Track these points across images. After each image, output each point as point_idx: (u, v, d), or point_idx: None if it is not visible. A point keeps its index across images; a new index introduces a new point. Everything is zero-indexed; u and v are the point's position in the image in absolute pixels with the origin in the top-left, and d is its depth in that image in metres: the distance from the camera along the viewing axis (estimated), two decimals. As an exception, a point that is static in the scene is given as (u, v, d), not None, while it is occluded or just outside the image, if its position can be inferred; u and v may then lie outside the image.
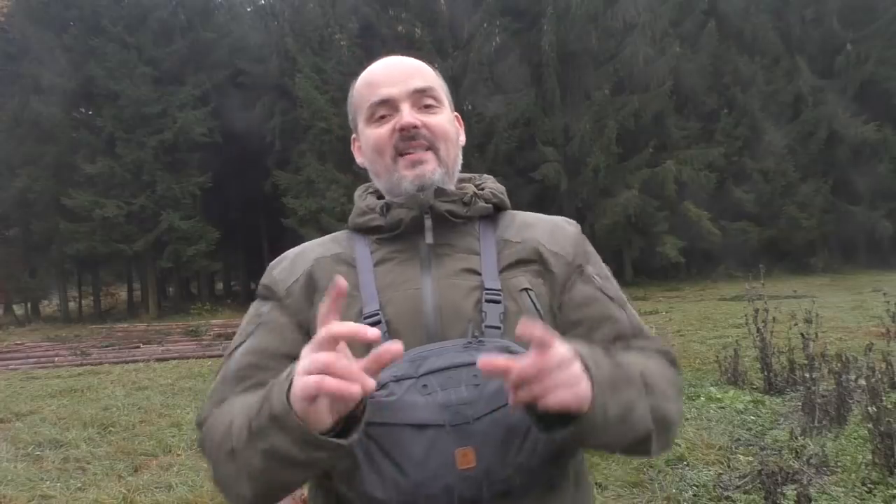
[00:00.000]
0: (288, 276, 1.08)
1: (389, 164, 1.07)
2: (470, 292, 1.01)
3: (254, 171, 23.17)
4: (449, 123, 1.11)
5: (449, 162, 1.09)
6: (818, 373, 4.86)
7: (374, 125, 1.09)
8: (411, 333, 0.97)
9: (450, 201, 1.07)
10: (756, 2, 23.76)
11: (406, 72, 1.09)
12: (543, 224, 1.13)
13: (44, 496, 4.41)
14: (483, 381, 0.89)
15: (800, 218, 22.73)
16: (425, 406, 0.89)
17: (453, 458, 0.87)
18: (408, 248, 1.06)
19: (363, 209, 1.12)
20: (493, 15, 21.71)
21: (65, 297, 24.27)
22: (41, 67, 20.37)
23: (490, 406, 0.89)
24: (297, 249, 1.15)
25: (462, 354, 0.92)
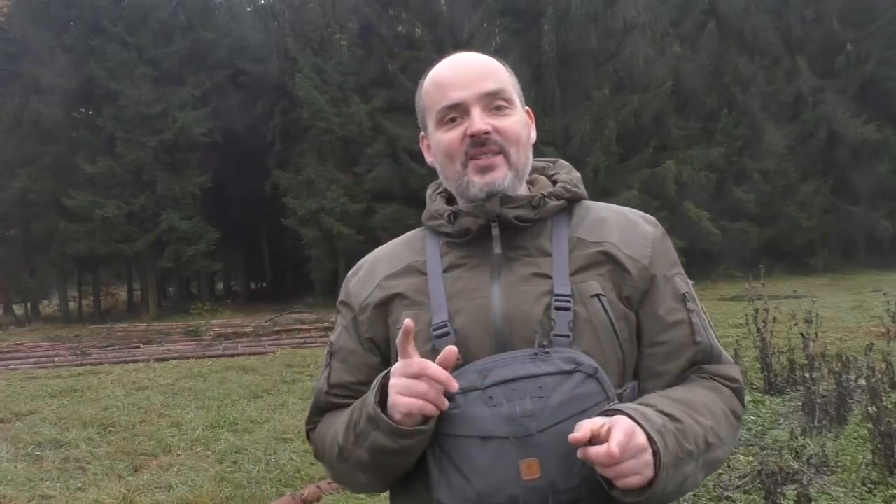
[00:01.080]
0: (361, 291, 1.13)
1: (459, 170, 1.06)
2: (539, 298, 1.01)
3: (254, 171, 23.16)
4: (520, 125, 1.09)
5: (519, 165, 1.08)
6: (818, 373, 4.86)
7: (444, 129, 1.07)
8: (480, 343, 0.99)
9: (517, 206, 1.05)
10: (756, 2, 23.75)
11: (477, 73, 1.07)
12: (619, 221, 1.10)
13: (44, 496, 4.41)
14: (547, 393, 0.92)
15: (800, 218, 22.72)
16: (490, 418, 0.91)
17: (518, 469, 0.90)
18: (478, 254, 1.06)
19: (433, 213, 1.13)
20: (493, 15, 21.70)
21: (65, 297, 24.26)
22: (41, 67, 20.36)
23: (554, 419, 0.90)
24: (372, 258, 1.18)
25: (528, 365, 0.94)
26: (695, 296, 1.10)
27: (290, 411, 6.51)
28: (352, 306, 1.13)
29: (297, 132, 22.04)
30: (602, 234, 1.07)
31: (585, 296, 1.01)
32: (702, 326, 1.07)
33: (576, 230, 1.08)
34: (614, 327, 1.00)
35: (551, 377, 0.92)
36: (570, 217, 1.10)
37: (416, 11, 22.22)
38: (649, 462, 0.88)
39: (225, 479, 4.56)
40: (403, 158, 20.00)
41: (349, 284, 1.16)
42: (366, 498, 4.03)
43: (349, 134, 20.91)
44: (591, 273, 1.03)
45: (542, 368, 0.93)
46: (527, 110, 1.15)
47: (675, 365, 1.05)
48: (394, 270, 1.11)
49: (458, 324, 1.01)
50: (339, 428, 1.05)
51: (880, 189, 22.57)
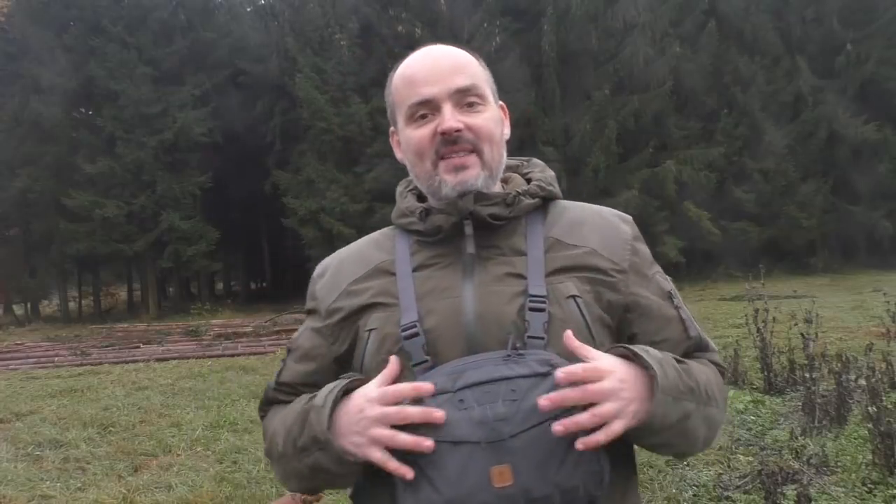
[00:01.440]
0: (327, 295, 1.09)
1: (430, 169, 1.03)
2: (513, 299, 0.98)
3: (254, 171, 23.16)
4: (493, 122, 1.05)
5: (493, 163, 1.04)
6: (818, 373, 4.86)
7: (414, 125, 1.04)
8: (451, 344, 0.96)
9: (491, 204, 1.02)
10: (756, 2, 23.75)
11: (448, 68, 1.03)
12: (596, 222, 1.07)
13: (44, 496, 4.41)
14: (521, 396, 0.88)
15: (800, 218, 22.72)
16: (460, 422, 0.87)
17: (489, 476, 0.86)
18: (450, 253, 1.03)
19: (403, 210, 1.09)
20: (493, 15, 21.70)
21: (65, 297, 24.27)
22: (41, 67, 20.37)
23: (528, 423, 0.87)
24: (338, 260, 1.14)
25: (500, 367, 0.90)
26: (677, 291, 1.09)
27: (290, 411, 6.50)
28: (318, 311, 1.09)
29: (297, 132, 22.05)
30: (581, 236, 1.04)
31: (561, 297, 0.98)
32: (690, 321, 1.07)
33: (551, 230, 1.05)
34: (590, 330, 0.98)
35: (525, 379, 0.88)
36: (545, 216, 1.07)
37: (416, 11, 22.22)
38: (636, 397, 0.89)
39: (225, 479, 4.56)
40: (403, 158, 19.99)
41: (315, 287, 1.12)
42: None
43: (349, 134, 20.91)
44: (569, 275, 1.00)
45: (516, 370, 0.89)
46: (500, 106, 1.11)
47: None
48: (361, 274, 1.07)
49: (428, 324, 0.97)
50: (279, 431, 1.02)
51: (880, 189, 22.57)
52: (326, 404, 0.94)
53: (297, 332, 1.13)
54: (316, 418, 0.94)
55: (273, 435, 1.04)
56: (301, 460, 0.97)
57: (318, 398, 0.97)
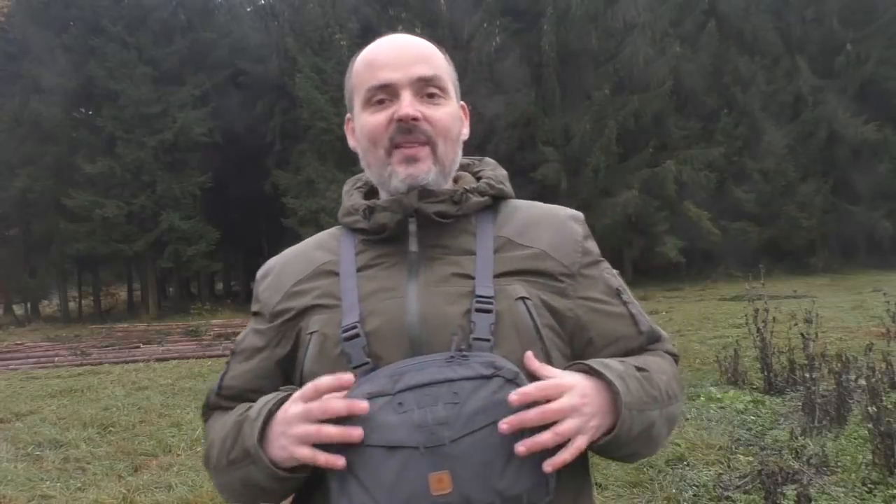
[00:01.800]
0: (271, 297, 1.05)
1: (382, 157, 0.99)
2: (459, 299, 0.94)
3: (254, 171, 23.17)
4: (452, 118, 1.02)
5: (446, 161, 1.01)
6: (818, 373, 4.86)
7: (370, 110, 1.00)
8: (393, 346, 0.92)
9: (438, 201, 0.99)
10: (756, 2, 23.76)
11: (412, 55, 1.00)
12: (546, 222, 1.04)
13: (44, 496, 4.41)
14: (463, 399, 0.83)
15: (800, 218, 22.73)
16: (399, 426, 0.83)
17: (427, 483, 0.81)
18: (395, 253, 1.00)
19: (348, 209, 1.07)
20: (493, 15, 21.71)
21: (65, 297, 24.28)
22: (41, 67, 20.37)
23: (469, 427, 0.83)
24: (282, 261, 1.10)
25: (443, 369, 0.86)
26: (625, 286, 1.07)
27: (290, 411, 6.50)
28: (262, 313, 1.06)
29: (297, 132, 22.06)
30: (532, 237, 1.01)
31: (510, 298, 0.94)
32: (641, 314, 1.06)
33: (502, 229, 1.02)
34: (539, 332, 0.94)
35: (468, 382, 0.84)
36: (496, 215, 1.04)
37: (416, 11, 22.24)
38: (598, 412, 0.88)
39: (225, 479, 4.55)
40: (403, 158, 20.00)
41: (259, 289, 1.08)
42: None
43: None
44: (519, 277, 0.97)
45: (459, 373, 0.85)
46: (462, 105, 1.08)
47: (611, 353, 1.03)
48: (304, 275, 1.03)
49: (370, 326, 0.93)
50: (215, 442, 0.98)
51: (880, 189, 22.57)
52: (260, 416, 0.90)
53: (241, 335, 1.09)
54: (248, 430, 0.90)
55: (210, 444, 1.00)
56: (232, 473, 0.94)
57: (252, 410, 0.93)
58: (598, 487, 3.76)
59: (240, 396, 1.03)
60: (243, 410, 0.96)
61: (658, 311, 13.73)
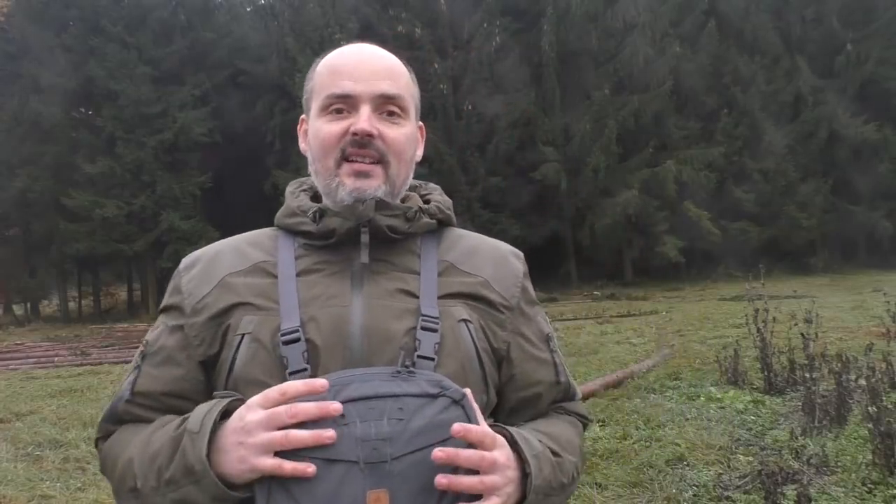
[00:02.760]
0: (196, 289, 0.98)
1: (331, 167, 0.97)
2: (404, 315, 0.92)
3: (254, 171, 23.17)
4: (407, 139, 0.99)
5: (397, 181, 0.99)
6: (818, 373, 4.86)
7: (326, 117, 0.97)
8: (333, 355, 0.89)
9: (392, 216, 0.96)
10: (756, 2, 23.78)
11: (378, 70, 0.97)
12: (489, 254, 1.04)
13: (44, 496, 4.40)
14: (408, 416, 0.81)
15: (800, 218, 22.74)
16: (339, 439, 0.79)
17: (364, 500, 0.78)
18: (339, 261, 0.96)
19: (293, 209, 1.02)
20: (493, 15, 21.72)
21: (65, 297, 24.27)
22: (41, 67, 20.37)
23: (412, 445, 0.80)
24: (212, 252, 1.04)
25: (388, 384, 0.83)
26: (554, 335, 1.08)
27: (290, 411, 6.50)
28: (181, 307, 0.98)
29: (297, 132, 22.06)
30: (475, 265, 1.01)
31: (453, 320, 0.94)
32: (563, 366, 1.06)
33: (446, 254, 1.01)
34: (479, 357, 0.94)
35: (414, 399, 0.82)
36: (440, 240, 1.03)
37: (416, 11, 22.24)
38: (513, 481, 0.85)
39: (225, 479, 4.55)
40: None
41: (181, 280, 1.01)
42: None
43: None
44: (460, 301, 0.96)
45: (405, 388, 0.82)
46: (419, 126, 1.06)
47: (540, 403, 1.04)
48: (237, 269, 0.98)
49: (310, 332, 0.89)
50: (136, 459, 0.88)
51: (880, 189, 22.59)
52: (204, 428, 0.81)
53: (152, 334, 1.01)
54: (191, 445, 0.81)
55: (126, 464, 0.89)
56: (164, 495, 0.83)
57: (191, 421, 0.83)
58: (598, 487, 3.76)
59: (159, 403, 0.95)
60: (178, 424, 0.86)
61: (658, 311, 13.73)
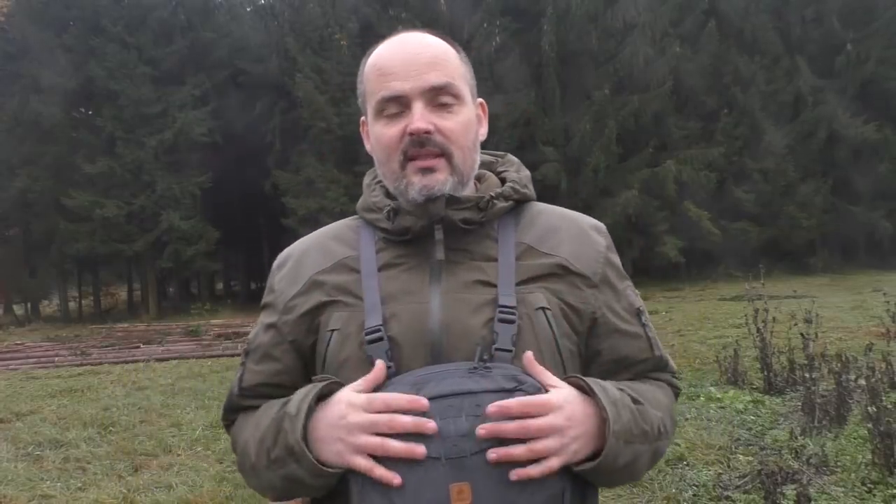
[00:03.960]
0: (288, 288, 1.03)
1: (397, 170, 0.97)
2: (481, 308, 0.94)
3: (254, 171, 23.17)
4: (466, 125, 0.98)
5: (464, 169, 0.98)
6: (818, 373, 4.86)
7: (383, 121, 0.98)
8: (414, 352, 0.92)
9: (463, 208, 0.97)
10: (756, 2, 23.76)
11: (424, 62, 0.95)
12: (570, 231, 1.03)
13: (44, 496, 4.40)
14: (485, 412, 0.84)
15: (800, 218, 22.73)
16: (421, 436, 0.83)
17: (447, 493, 0.81)
18: (417, 254, 0.99)
19: (370, 205, 1.04)
20: (493, 15, 21.71)
21: (65, 297, 24.27)
22: (41, 67, 20.36)
23: (490, 441, 0.83)
24: (299, 250, 1.07)
25: (466, 380, 0.86)
26: (636, 297, 1.07)
27: (290, 411, 6.49)
28: (275, 305, 1.03)
29: (297, 132, 22.05)
30: (553, 244, 1.00)
31: (530, 308, 0.94)
32: (656, 340, 1.06)
33: (524, 235, 1.01)
34: (558, 344, 0.95)
35: (491, 395, 0.84)
36: (518, 220, 1.03)
37: (416, 11, 22.23)
38: (582, 435, 0.87)
39: (225, 479, 4.55)
40: (403, 158, 20.02)
41: (273, 279, 1.06)
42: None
43: (349, 134, 20.90)
44: (539, 285, 0.96)
45: (482, 385, 0.85)
46: (479, 103, 1.05)
47: (629, 373, 1.04)
48: (323, 267, 1.02)
49: (392, 330, 0.93)
50: (251, 442, 0.97)
51: (880, 189, 22.58)
52: (300, 412, 0.89)
53: (252, 333, 1.06)
54: (290, 427, 0.89)
55: (245, 446, 0.99)
56: (275, 472, 0.93)
57: (291, 405, 0.91)
58: (598, 487, 3.76)
59: (262, 395, 1.02)
60: (279, 407, 0.94)
61: (658, 311, 13.72)
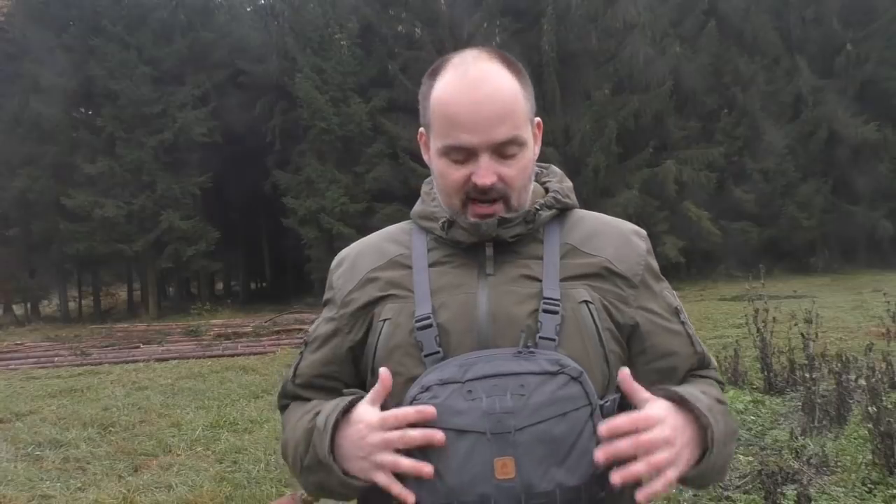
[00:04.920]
0: (345, 284, 1.10)
1: (457, 206, 1.03)
2: (527, 300, 1.00)
3: (254, 171, 23.17)
4: (526, 170, 1.03)
5: (519, 205, 1.04)
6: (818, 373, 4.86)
7: (447, 161, 1.02)
8: (462, 339, 0.98)
9: (513, 226, 1.03)
10: (756, 2, 23.75)
11: (492, 115, 0.98)
12: (612, 234, 1.09)
13: (44, 496, 4.41)
14: (529, 391, 0.89)
15: (800, 218, 22.73)
16: (468, 412, 0.89)
17: (492, 467, 0.87)
18: (467, 261, 1.05)
19: (427, 214, 1.09)
20: (493, 15, 21.71)
21: (65, 297, 24.26)
22: (41, 67, 20.35)
23: (534, 418, 0.88)
24: (355, 251, 1.15)
25: (511, 363, 0.92)
26: (682, 308, 1.12)
27: (290, 411, 6.50)
28: (334, 300, 1.11)
29: (297, 132, 22.05)
30: (596, 246, 1.06)
31: (574, 302, 1.00)
32: (696, 337, 1.11)
33: (568, 237, 1.07)
34: (600, 336, 1.00)
35: (534, 376, 0.90)
36: (563, 223, 1.09)
37: (416, 11, 22.24)
38: (688, 444, 0.92)
39: (225, 479, 4.56)
40: (403, 158, 20.01)
41: (332, 277, 1.14)
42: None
43: (349, 134, 20.92)
44: (582, 282, 1.02)
45: (526, 367, 0.91)
46: (537, 123, 1.08)
47: (676, 372, 1.09)
48: (377, 265, 1.09)
49: (441, 318, 0.99)
50: (289, 443, 1.06)
51: (880, 189, 22.58)
52: (327, 428, 0.96)
53: (314, 325, 1.15)
54: (318, 441, 0.96)
55: (285, 444, 1.08)
56: (307, 477, 1.02)
57: (319, 418, 0.99)
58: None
59: (312, 384, 1.11)
60: (311, 417, 1.01)
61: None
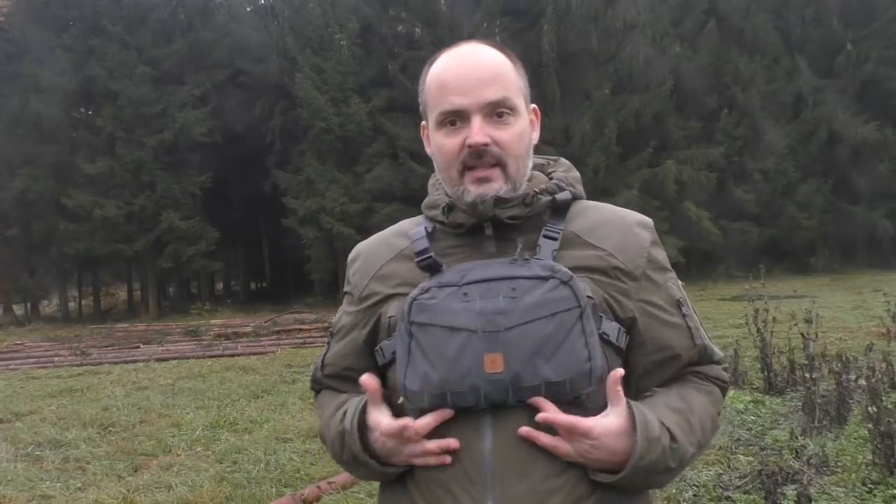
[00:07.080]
0: (361, 280, 1.16)
1: (456, 177, 1.06)
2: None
3: (254, 171, 23.16)
4: (521, 136, 1.06)
5: (517, 176, 1.06)
6: (818, 373, 4.86)
7: (443, 132, 1.06)
8: None
9: (510, 206, 1.05)
10: (756, 2, 23.75)
11: (482, 77, 1.03)
12: (615, 225, 1.10)
13: (44, 496, 4.41)
14: (520, 294, 0.96)
15: (800, 218, 22.73)
16: (462, 311, 0.96)
17: (482, 361, 0.94)
18: (471, 244, 1.08)
19: (431, 203, 1.14)
20: (493, 15, 21.70)
21: (65, 297, 24.25)
22: (41, 67, 20.34)
23: (523, 318, 0.94)
24: (370, 246, 1.19)
25: (505, 268, 0.99)
26: (687, 299, 1.13)
27: (290, 411, 6.51)
28: (352, 294, 1.17)
29: (297, 132, 22.04)
30: (599, 237, 1.07)
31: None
32: (697, 329, 1.11)
33: (571, 225, 1.08)
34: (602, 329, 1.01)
35: (526, 280, 0.97)
36: (566, 214, 1.10)
37: (416, 11, 22.23)
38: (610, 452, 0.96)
39: (225, 479, 4.56)
40: (403, 158, 20.00)
41: (350, 272, 1.20)
42: (365, 498, 4.03)
43: (349, 134, 20.90)
44: (582, 274, 1.02)
45: (519, 272, 0.98)
46: (533, 108, 1.12)
47: (674, 366, 1.09)
48: (387, 259, 1.14)
49: None
50: (327, 438, 1.13)
51: (880, 189, 22.57)
52: (354, 429, 1.05)
53: (337, 315, 1.21)
54: (350, 441, 1.05)
55: (323, 436, 1.16)
56: (350, 468, 1.11)
57: (346, 420, 1.07)
58: (598, 487, 3.76)
59: (337, 374, 1.18)
60: (340, 417, 1.09)
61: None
